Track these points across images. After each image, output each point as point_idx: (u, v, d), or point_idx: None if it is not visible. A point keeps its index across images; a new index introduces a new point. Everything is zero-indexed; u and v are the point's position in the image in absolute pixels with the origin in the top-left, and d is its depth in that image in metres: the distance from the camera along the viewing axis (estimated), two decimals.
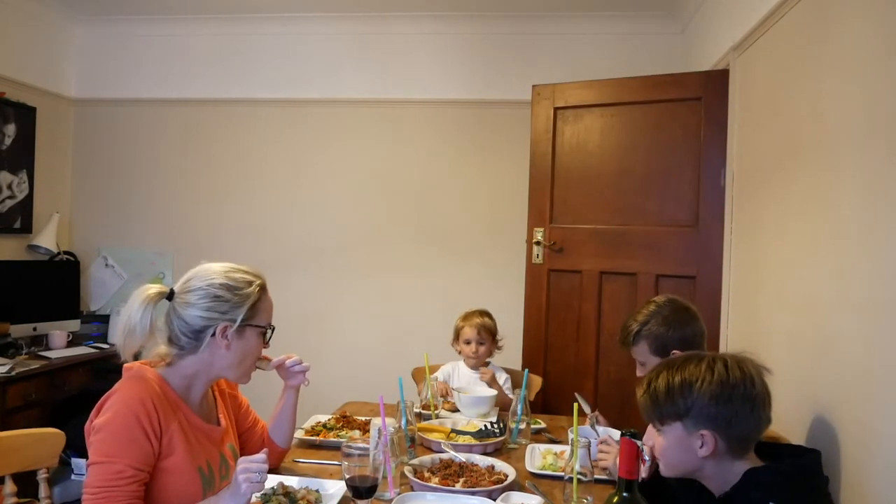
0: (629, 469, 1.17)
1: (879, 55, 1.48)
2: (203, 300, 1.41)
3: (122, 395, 1.32)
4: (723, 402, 1.20)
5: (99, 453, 1.27)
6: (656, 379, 1.28)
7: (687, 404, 1.22)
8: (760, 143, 2.28)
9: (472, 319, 2.62)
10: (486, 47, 3.69)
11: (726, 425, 1.21)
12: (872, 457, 1.40)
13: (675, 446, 1.25)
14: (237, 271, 1.47)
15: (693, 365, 1.26)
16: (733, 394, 1.21)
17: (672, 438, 1.25)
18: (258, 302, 1.47)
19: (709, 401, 1.21)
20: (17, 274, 3.39)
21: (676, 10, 3.40)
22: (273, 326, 1.53)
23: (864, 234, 1.51)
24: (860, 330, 1.50)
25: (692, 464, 1.25)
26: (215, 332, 1.41)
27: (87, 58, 3.96)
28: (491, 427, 2.03)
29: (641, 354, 1.87)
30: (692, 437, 1.22)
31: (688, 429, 1.23)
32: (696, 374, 1.23)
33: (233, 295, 1.42)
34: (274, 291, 1.57)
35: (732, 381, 1.21)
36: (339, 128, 3.82)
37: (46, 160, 3.76)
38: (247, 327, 1.45)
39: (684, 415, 1.23)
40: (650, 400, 1.28)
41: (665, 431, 1.27)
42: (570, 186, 3.02)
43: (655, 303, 1.90)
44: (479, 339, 2.59)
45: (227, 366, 1.46)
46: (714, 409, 1.20)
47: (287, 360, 1.73)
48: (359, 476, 1.40)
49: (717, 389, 1.21)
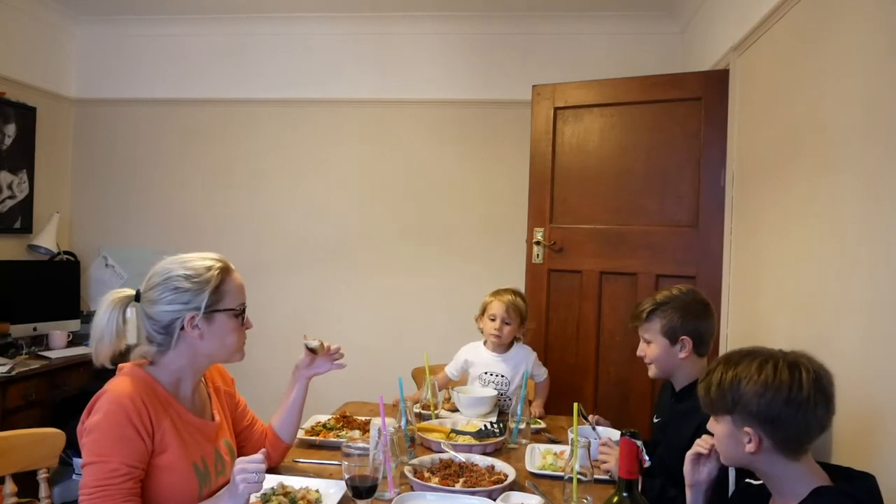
0: (629, 469, 1.17)
1: (879, 55, 1.48)
2: (165, 294, 1.40)
3: (111, 394, 1.32)
4: (765, 403, 1.20)
5: (92, 453, 1.27)
6: (714, 372, 1.29)
7: (734, 400, 1.23)
8: (760, 144, 2.28)
9: (503, 295, 2.45)
10: (486, 47, 3.69)
11: (770, 426, 1.20)
12: (872, 457, 1.40)
13: (726, 439, 1.26)
14: (195, 259, 1.45)
15: (747, 362, 1.25)
16: (775, 397, 1.20)
17: (723, 431, 1.27)
18: (221, 285, 1.43)
19: (752, 399, 1.21)
20: (17, 274, 3.39)
21: (676, 10, 3.40)
22: (244, 306, 1.49)
23: (863, 235, 1.51)
24: (860, 330, 1.50)
25: (742, 457, 1.25)
26: (183, 324, 1.40)
27: (87, 58, 3.96)
28: (491, 427, 2.03)
29: (650, 333, 1.85)
30: (740, 433, 1.23)
31: (736, 424, 1.24)
32: (746, 372, 1.23)
33: (192, 283, 1.40)
34: (274, 291, 1.57)
35: (776, 383, 1.20)
36: (339, 128, 3.82)
37: (46, 160, 3.76)
38: (214, 313, 1.42)
39: (732, 410, 1.23)
40: (704, 392, 1.29)
41: (718, 423, 1.28)
42: (569, 186, 3.03)
43: (679, 288, 1.89)
44: (505, 318, 2.42)
45: (209, 353, 1.45)
46: (756, 409, 1.20)
47: (332, 347, 1.78)
48: (359, 476, 1.40)
49: (760, 389, 1.20)
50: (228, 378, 1.71)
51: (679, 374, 1.85)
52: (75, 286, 3.64)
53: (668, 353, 1.83)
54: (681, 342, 1.80)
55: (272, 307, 3.71)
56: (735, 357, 1.29)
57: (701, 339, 1.81)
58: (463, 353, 2.56)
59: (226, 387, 1.67)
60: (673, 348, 1.81)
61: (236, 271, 1.50)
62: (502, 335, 2.45)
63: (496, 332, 2.44)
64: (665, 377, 1.90)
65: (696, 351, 1.81)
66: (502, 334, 2.44)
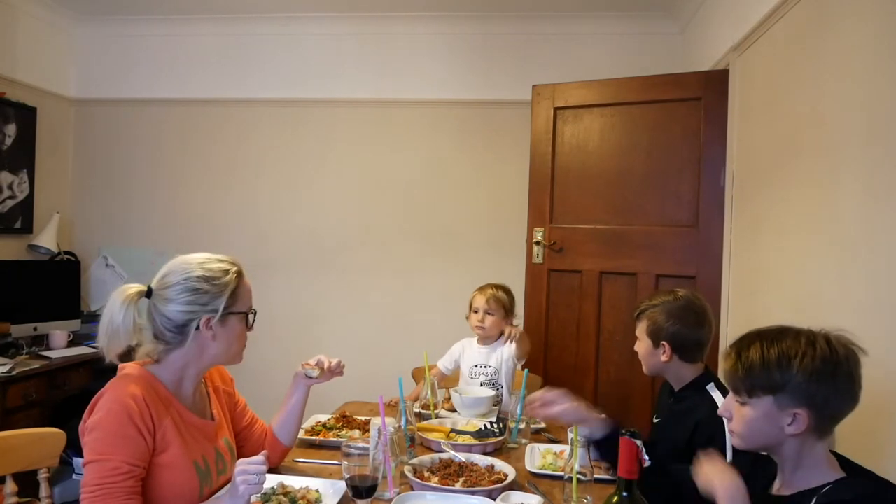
0: (629, 469, 1.16)
1: (879, 55, 1.48)
2: (182, 294, 1.41)
3: (112, 393, 1.33)
4: (825, 379, 1.12)
5: (93, 452, 1.28)
6: (747, 349, 1.20)
7: (784, 379, 1.14)
8: (760, 143, 2.28)
9: (485, 290, 2.54)
10: (487, 47, 3.69)
11: (823, 405, 1.13)
12: (874, 455, 1.40)
13: (762, 420, 1.18)
14: (213, 261, 1.46)
15: (791, 338, 1.17)
16: (837, 371, 1.13)
17: (759, 412, 1.18)
18: (237, 289, 1.46)
19: (809, 377, 1.13)
20: (17, 274, 3.39)
21: (676, 10, 3.40)
22: (255, 311, 1.53)
23: (863, 234, 1.51)
24: (860, 330, 1.50)
25: (775, 439, 1.18)
26: (199, 324, 1.41)
27: (87, 58, 3.97)
28: (491, 427, 2.03)
29: (639, 331, 1.88)
30: (782, 414, 1.15)
31: (780, 404, 1.15)
32: (796, 349, 1.15)
33: (211, 286, 1.42)
34: (274, 291, 1.57)
35: (837, 358, 1.13)
36: (339, 128, 3.82)
37: (46, 160, 3.76)
38: (229, 315, 1.45)
39: (779, 389, 1.15)
40: (742, 370, 1.19)
41: (752, 404, 1.19)
42: (569, 186, 3.03)
43: (675, 294, 1.87)
44: (487, 309, 2.50)
45: (215, 355, 1.47)
46: (815, 387, 1.13)
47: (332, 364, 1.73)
48: (359, 476, 1.40)
49: (819, 365, 1.12)
50: (227, 378, 1.71)
51: (670, 375, 1.84)
52: (75, 286, 3.64)
53: (651, 354, 1.84)
54: (661, 346, 1.80)
55: (272, 307, 3.70)
56: (770, 333, 1.21)
57: (683, 346, 1.78)
58: (456, 347, 2.63)
59: (224, 386, 1.68)
60: (655, 350, 1.82)
61: (246, 276, 1.52)
62: (485, 326, 2.51)
63: (479, 324, 2.51)
64: (655, 376, 1.91)
65: (680, 357, 1.79)
66: (485, 325, 2.50)
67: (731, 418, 1.25)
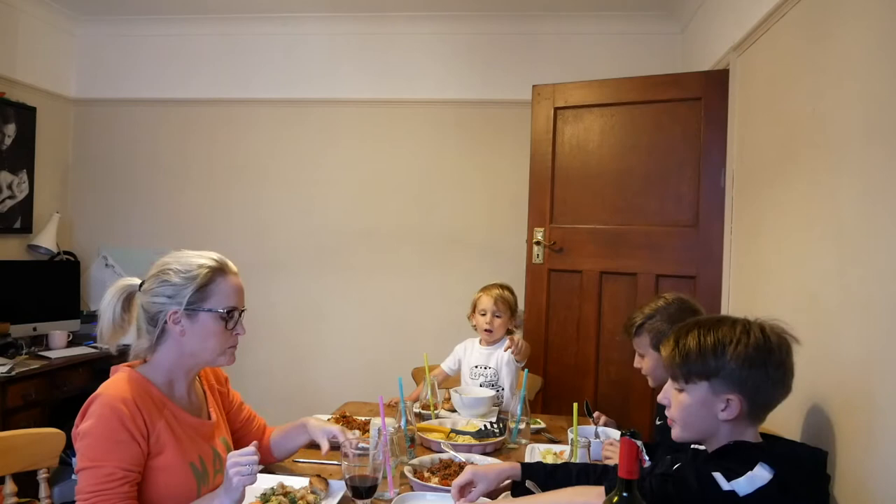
0: (629, 469, 1.16)
1: (879, 55, 1.48)
2: (155, 285, 1.41)
3: (103, 398, 1.31)
4: (757, 366, 1.16)
5: (86, 458, 1.27)
6: (685, 336, 1.23)
7: (718, 365, 1.18)
8: (760, 144, 2.28)
9: (491, 290, 2.50)
10: (486, 47, 3.69)
11: (754, 391, 1.17)
12: (872, 457, 1.40)
13: (697, 406, 1.21)
14: (193, 256, 1.45)
15: (727, 327, 1.21)
16: (769, 359, 1.16)
17: (695, 398, 1.21)
18: (209, 284, 1.41)
19: (742, 364, 1.17)
20: (17, 274, 3.39)
21: (676, 10, 3.40)
22: (237, 310, 1.45)
23: (863, 234, 1.51)
24: (860, 329, 1.50)
25: (710, 426, 1.21)
26: (167, 318, 1.39)
27: (87, 58, 3.97)
28: (490, 427, 2.03)
29: (642, 347, 1.86)
30: (717, 400, 1.19)
31: (714, 390, 1.19)
32: (731, 336, 1.18)
33: (179, 278, 1.40)
34: (274, 291, 1.56)
35: (769, 346, 1.17)
36: (339, 128, 3.82)
37: (46, 160, 3.76)
38: (199, 312, 1.40)
39: (713, 375, 1.19)
40: (679, 357, 1.23)
41: (689, 390, 1.22)
42: (569, 186, 3.03)
43: (665, 299, 1.88)
44: (495, 311, 2.47)
45: (192, 352, 1.43)
46: (746, 374, 1.16)
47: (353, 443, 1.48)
48: (359, 476, 1.40)
49: (752, 353, 1.16)
50: (221, 376, 1.70)
51: None
52: (75, 286, 3.64)
53: (661, 364, 1.82)
54: None
55: (272, 307, 3.71)
56: (707, 322, 1.24)
57: None
58: (458, 348, 2.62)
59: (219, 385, 1.67)
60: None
61: (235, 275, 1.47)
62: (493, 328, 2.49)
63: (488, 327, 2.49)
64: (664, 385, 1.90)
65: None
66: (493, 328, 2.49)
67: (670, 405, 1.27)
